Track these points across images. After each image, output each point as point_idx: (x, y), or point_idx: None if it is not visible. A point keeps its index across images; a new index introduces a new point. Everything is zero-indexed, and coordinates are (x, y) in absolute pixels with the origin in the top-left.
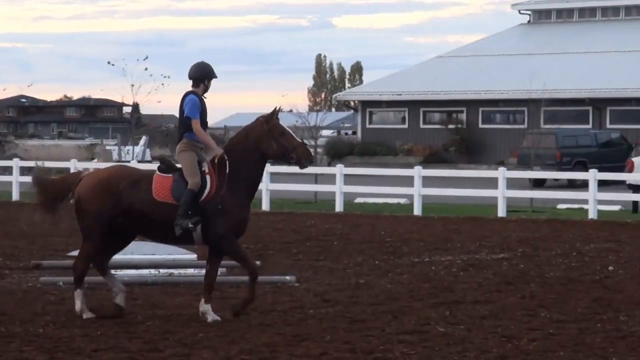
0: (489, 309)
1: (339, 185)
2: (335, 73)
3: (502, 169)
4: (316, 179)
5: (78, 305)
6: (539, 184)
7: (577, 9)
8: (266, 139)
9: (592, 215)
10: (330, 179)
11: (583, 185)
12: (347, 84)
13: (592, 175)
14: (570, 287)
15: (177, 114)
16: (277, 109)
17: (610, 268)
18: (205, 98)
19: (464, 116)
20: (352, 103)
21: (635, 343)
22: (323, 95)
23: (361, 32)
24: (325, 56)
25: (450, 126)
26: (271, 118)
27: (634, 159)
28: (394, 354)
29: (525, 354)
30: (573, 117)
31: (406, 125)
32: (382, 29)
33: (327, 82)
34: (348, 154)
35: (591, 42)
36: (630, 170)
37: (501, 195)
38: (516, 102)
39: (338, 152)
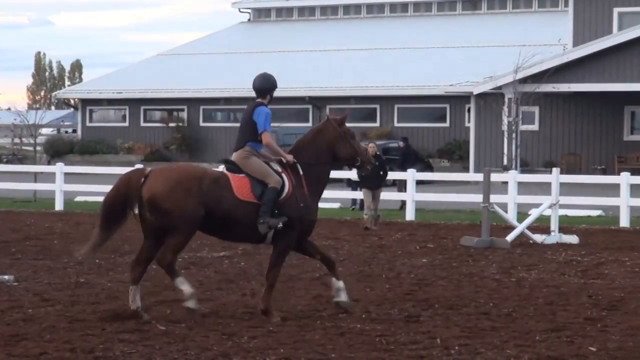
0: (210, 307)
1: (59, 183)
2: (55, 71)
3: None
4: (35, 177)
5: (188, 290)
6: None
7: (296, 8)
8: (339, 142)
9: None
10: (50, 177)
11: None
12: (67, 82)
13: None
14: (290, 285)
15: None
16: (348, 112)
17: None
18: None
19: (185, 114)
20: (72, 101)
21: (354, 340)
22: (42, 94)
23: (81, 30)
24: (44, 54)
25: (171, 124)
26: (343, 121)
27: None
28: (114, 353)
29: (246, 351)
30: (294, 115)
31: (127, 124)
32: (102, 27)
33: (47, 80)
34: (68, 152)
35: (311, 41)
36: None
37: None
38: (237, 100)
39: (58, 150)
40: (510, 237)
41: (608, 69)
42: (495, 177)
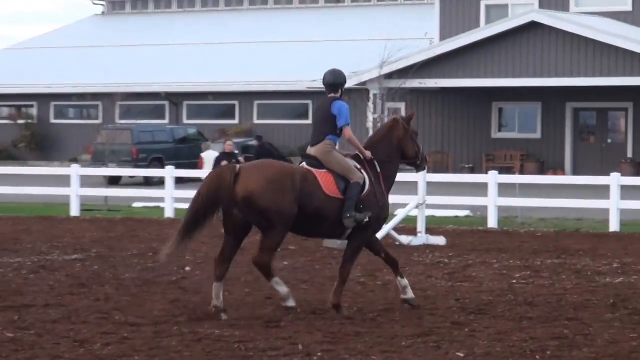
0: (61, 313)
1: None
2: None
3: (75, 166)
4: None
5: (284, 290)
6: (114, 181)
7: (152, 0)
8: (407, 140)
9: (169, 213)
10: None
11: (160, 182)
12: None
13: (169, 173)
14: (146, 289)
15: None
16: (413, 113)
17: (187, 269)
18: None
19: (34, 111)
20: None
21: (212, 346)
22: None
23: None
24: None
25: (20, 121)
26: (411, 120)
27: (203, 155)
28: None
29: (99, 359)
30: (150, 112)
31: None
32: None
33: None
34: None
35: (168, 35)
36: (201, 167)
37: (74, 193)
38: (91, 97)
39: None
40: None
41: (476, 64)
42: None
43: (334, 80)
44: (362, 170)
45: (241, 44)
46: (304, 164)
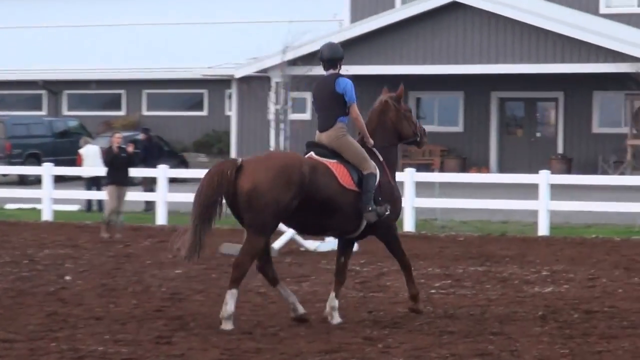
0: None
1: None
2: None
3: None
4: None
5: (229, 308)
6: None
7: None
8: (402, 120)
9: (47, 216)
10: None
11: (36, 181)
12: None
13: (47, 170)
14: (20, 301)
15: None
16: (402, 87)
17: (67, 278)
18: None
19: None
20: None
21: None
22: None
23: None
24: None
25: None
26: (400, 98)
27: (82, 151)
28: None
29: None
30: (25, 102)
31: None
32: None
33: None
34: None
35: (46, 15)
36: (80, 164)
37: None
38: None
39: None
40: (278, 244)
41: (391, 49)
42: None
43: (332, 55)
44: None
45: (128, 26)
46: (311, 153)
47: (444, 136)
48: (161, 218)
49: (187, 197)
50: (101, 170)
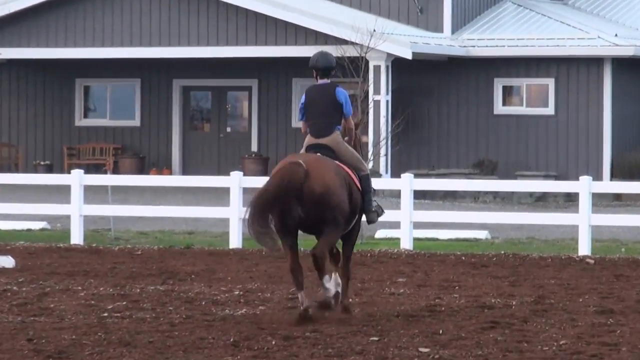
0: None
1: None
2: None
3: None
4: None
5: (331, 290)
6: None
7: None
8: (356, 146)
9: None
10: None
11: None
12: None
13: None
14: None
15: None
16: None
17: None
18: None
19: None
20: None
21: None
22: None
23: None
24: None
25: None
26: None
27: None
28: None
29: None
30: None
31: None
32: None
33: None
34: None
35: None
36: None
37: None
38: None
39: None
40: None
41: (53, 30)
42: None
43: (328, 64)
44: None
45: None
46: (318, 155)
47: (118, 132)
48: None
49: None
50: None
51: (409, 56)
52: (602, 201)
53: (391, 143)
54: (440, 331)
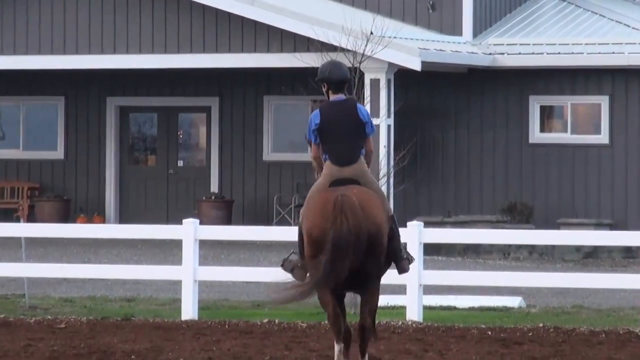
0: None
1: None
2: None
3: None
4: None
5: None
6: None
7: None
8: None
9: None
10: None
11: None
12: None
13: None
14: None
15: None
16: None
17: None
18: None
19: None
20: None
21: None
22: None
23: None
24: None
25: None
26: None
27: None
28: None
29: None
30: None
31: None
32: None
33: None
34: None
35: None
36: None
37: None
38: None
39: None
40: None
41: None
42: None
43: (343, 76)
44: None
45: None
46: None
47: (34, 166)
48: None
49: None
50: None
51: (418, 67)
52: None
53: (394, 181)
54: None
